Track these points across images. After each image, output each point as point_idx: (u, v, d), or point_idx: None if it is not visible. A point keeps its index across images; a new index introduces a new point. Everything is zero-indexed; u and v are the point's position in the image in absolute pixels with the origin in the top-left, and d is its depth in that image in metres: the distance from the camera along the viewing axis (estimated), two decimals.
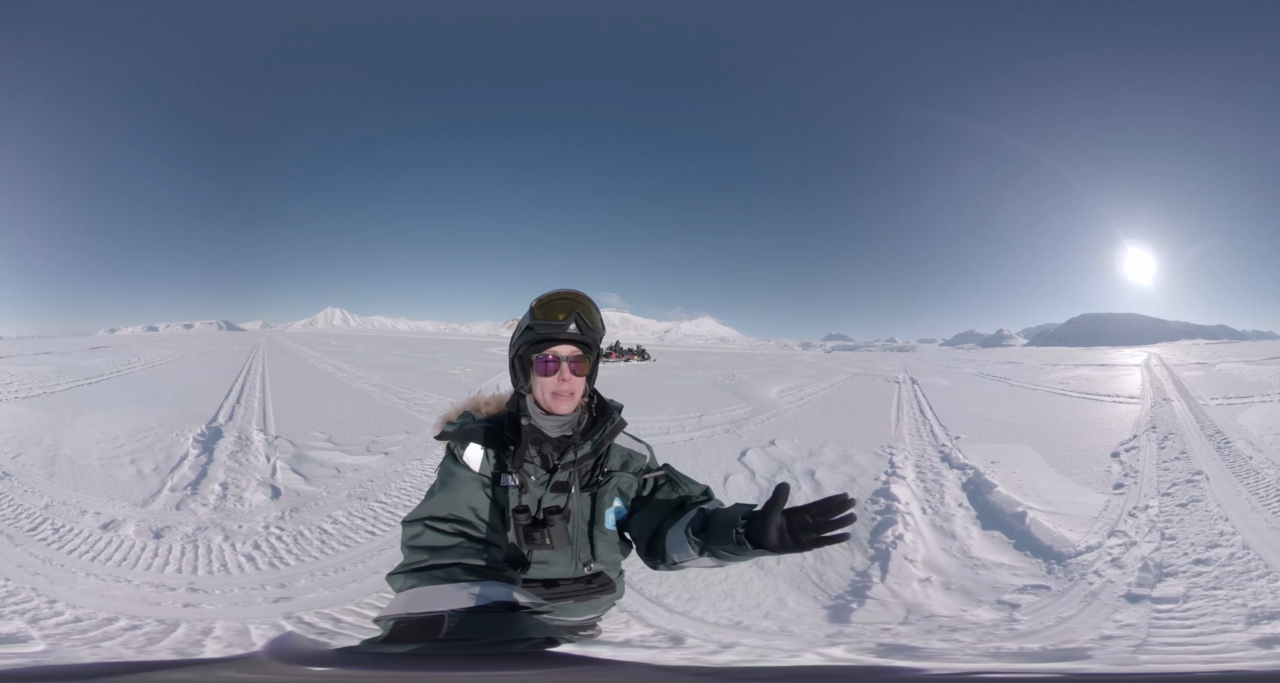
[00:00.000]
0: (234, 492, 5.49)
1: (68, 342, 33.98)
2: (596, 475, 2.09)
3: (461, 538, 1.85)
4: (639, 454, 2.22)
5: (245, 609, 3.45)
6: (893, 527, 4.75)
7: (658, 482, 2.19)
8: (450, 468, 2.04)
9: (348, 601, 3.56)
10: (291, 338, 49.46)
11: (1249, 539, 4.49)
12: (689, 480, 2.22)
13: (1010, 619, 3.46)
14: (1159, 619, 3.38)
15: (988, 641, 3.14)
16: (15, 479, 5.63)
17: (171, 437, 7.30)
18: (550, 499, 2.03)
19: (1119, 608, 3.54)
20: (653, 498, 2.15)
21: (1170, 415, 10.51)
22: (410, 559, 1.80)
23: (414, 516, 1.92)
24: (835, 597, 3.78)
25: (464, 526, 1.89)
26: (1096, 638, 3.20)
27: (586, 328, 2.02)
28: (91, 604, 3.40)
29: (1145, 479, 6.27)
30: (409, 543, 1.86)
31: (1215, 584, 3.81)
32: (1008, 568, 4.19)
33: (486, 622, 1.55)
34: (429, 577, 1.71)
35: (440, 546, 1.81)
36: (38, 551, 4.14)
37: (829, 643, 3.18)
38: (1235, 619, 3.34)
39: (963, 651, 3.00)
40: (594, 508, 2.09)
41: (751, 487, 6.01)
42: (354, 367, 19.08)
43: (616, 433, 2.14)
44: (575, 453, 2.04)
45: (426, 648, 1.48)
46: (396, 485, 5.88)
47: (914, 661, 2.75)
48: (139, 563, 4.04)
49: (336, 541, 4.50)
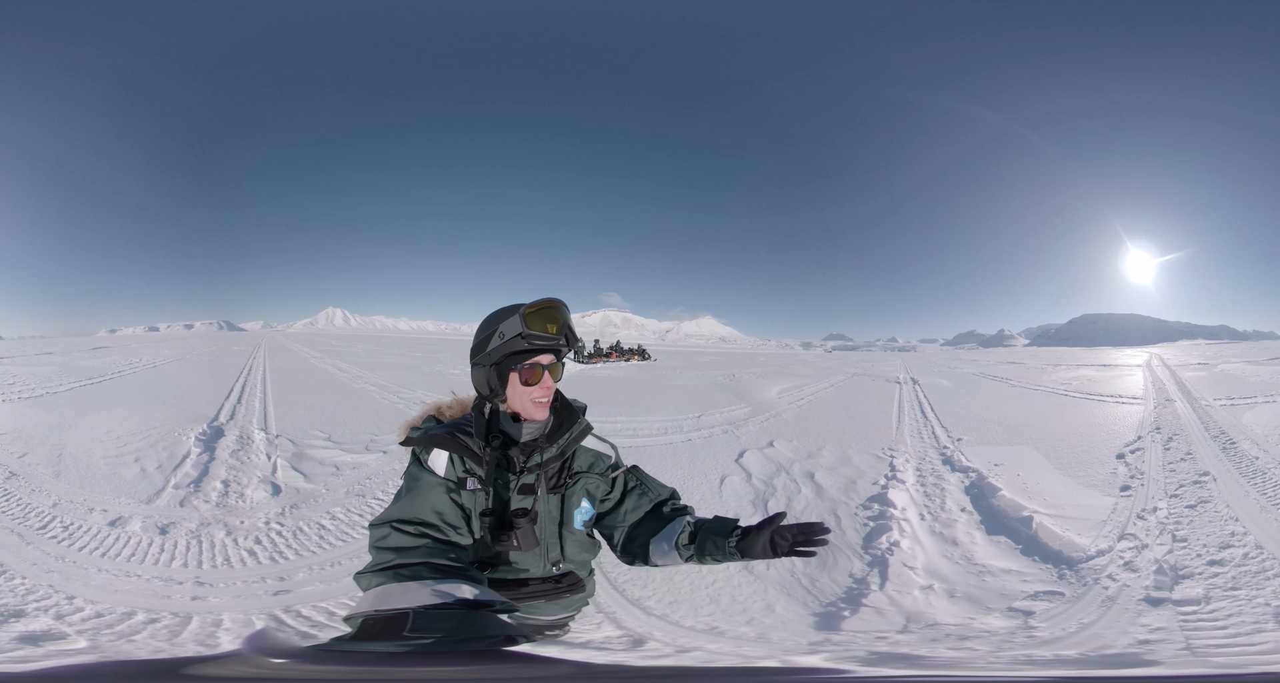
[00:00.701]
0: (235, 489, 5.54)
1: (69, 342, 34.15)
2: (564, 478, 2.13)
3: (427, 540, 1.89)
4: (604, 455, 2.27)
5: (248, 602, 3.52)
6: (888, 533, 4.67)
7: (627, 483, 2.26)
8: (415, 473, 2.06)
9: (343, 594, 3.61)
10: (292, 338, 49.58)
11: (1261, 539, 4.44)
12: (656, 483, 2.29)
13: (1026, 626, 3.38)
14: (1187, 622, 3.34)
15: (1006, 648, 3.09)
16: (23, 479, 5.68)
17: (174, 436, 7.34)
18: (517, 501, 2.05)
19: (1142, 612, 3.49)
20: (624, 500, 2.23)
21: (1174, 416, 10.47)
22: (377, 560, 1.84)
23: (381, 518, 1.96)
24: (827, 604, 3.71)
25: (429, 528, 1.92)
26: (1134, 642, 3.15)
27: (572, 337, 2.06)
28: (108, 600, 3.45)
29: (1152, 481, 6.21)
30: (376, 544, 1.90)
31: (1234, 585, 3.77)
32: (1016, 574, 4.10)
33: (449, 619, 1.59)
34: (395, 576, 1.75)
35: (406, 546, 1.86)
36: (49, 548, 4.18)
37: (808, 650, 3.13)
38: (1264, 618, 3.31)
39: (981, 659, 2.94)
40: (562, 509, 2.12)
41: (748, 489, 5.96)
42: (354, 367, 19.11)
43: (583, 436, 2.17)
44: (541, 456, 2.06)
45: (391, 645, 1.51)
46: (394, 483, 5.80)
47: (898, 669, 2.72)
48: (146, 558, 4.10)
49: (334, 536, 4.56)
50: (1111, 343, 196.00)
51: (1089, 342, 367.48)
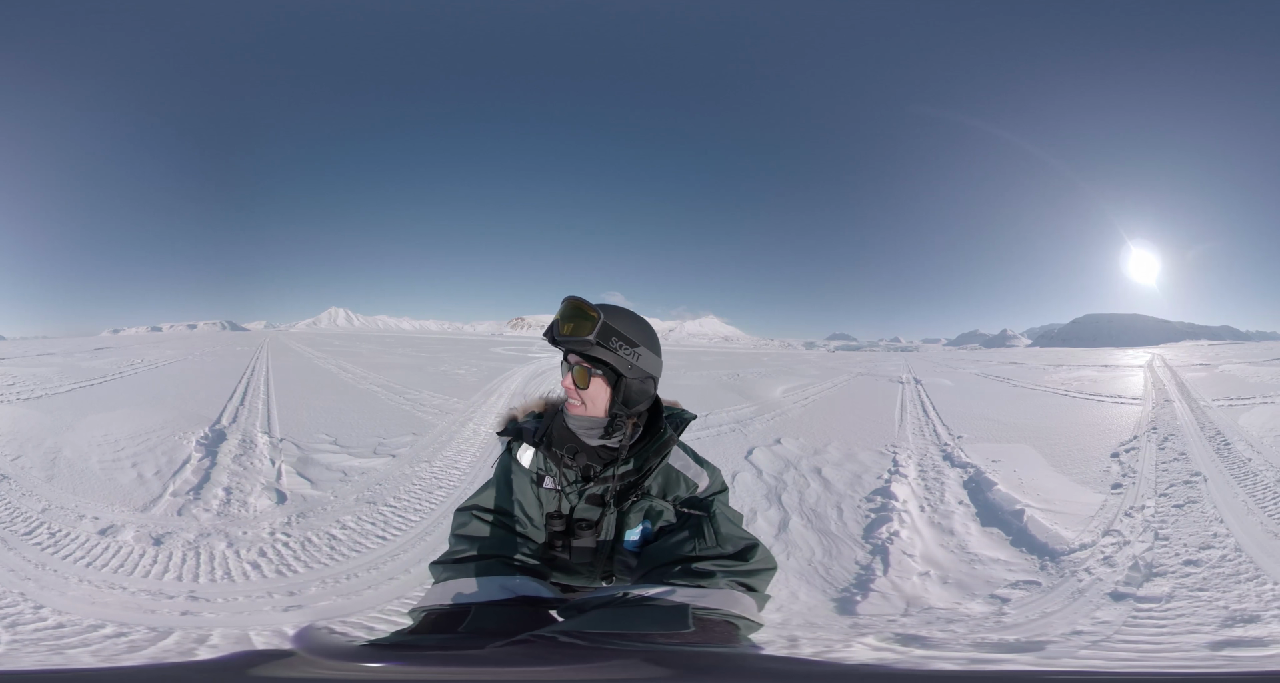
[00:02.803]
0: (238, 496, 5.41)
1: (71, 342, 34.19)
2: (632, 494, 1.99)
3: (503, 530, 1.94)
4: (690, 482, 2.04)
5: (251, 617, 3.41)
6: (888, 524, 4.85)
7: (689, 520, 1.92)
8: (505, 462, 2.10)
9: (365, 608, 3.52)
10: (295, 338, 49.57)
11: (1242, 541, 4.52)
12: (730, 535, 1.86)
13: (999, 613, 3.54)
14: (1134, 618, 3.44)
15: (977, 632, 3.21)
16: (13, 482, 5.56)
17: (174, 439, 7.23)
18: (582, 511, 2.00)
19: (1101, 605, 3.60)
20: (675, 533, 1.90)
21: (1171, 416, 10.54)
22: (452, 548, 1.90)
23: (465, 503, 2.02)
24: (842, 590, 3.89)
25: (507, 518, 1.97)
26: (1067, 633, 3.24)
27: (559, 337, 1.93)
28: (79, 611, 3.35)
29: (1143, 480, 6.32)
30: (455, 531, 1.96)
31: (1202, 585, 3.85)
32: (1003, 564, 4.27)
33: (509, 615, 1.62)
34: (463, 568, 1.80)
35: (481, 536, 1.91)
36: (31, 555, 4.08)
37: (842, 637, 3.19)
38: (1210, 621, 3.37)
39: (956, 641, 3.06)
40: (619, 526, 1.99)
41: (759, 484, 6.10)
42: (358, 367, 19.18)
43: (663, 452, 2.02)
44: (616, 468, 1.98)
45: (445, 639, 1.54)
46: (406, 489, 5.84)
47: (920, 652, 2.82)
48: (136, 570, 3.99)
49: (347, 546, 4.44)
50: (1114, 343, 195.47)
51: (1091, 342, 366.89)
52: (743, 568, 1.75)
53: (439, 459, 6.99)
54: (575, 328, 1.93)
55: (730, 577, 1.72)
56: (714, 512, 1.92)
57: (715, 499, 2.02)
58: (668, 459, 2.04)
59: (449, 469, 6.57)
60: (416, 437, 8.15)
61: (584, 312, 1.94)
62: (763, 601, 1.76)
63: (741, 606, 1.65)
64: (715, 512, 1.93)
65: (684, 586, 1.66)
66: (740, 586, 1.72)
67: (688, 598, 1.60)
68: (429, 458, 7.02)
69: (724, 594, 1.65)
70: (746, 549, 1.80)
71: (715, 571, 1.72)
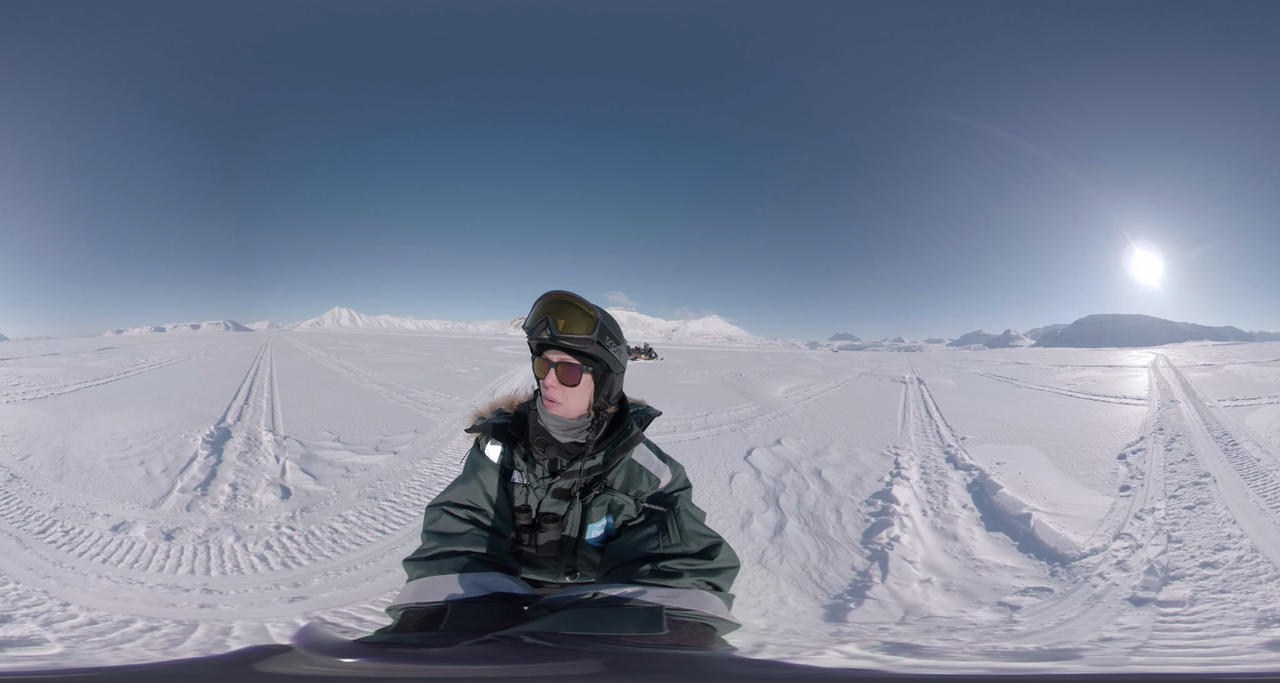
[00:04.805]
0: (244, 492, 5.49)
1: (75, 343, 34.37)
2: (595, 488, 2.01)
3: (473, 526, 1.94)
4: (652, 477, 2.06)
5: (261, 609, 3.47)
6: (889, 529, 4.77)
7: (652, 516, 1.95)
8: (474, 458, 2.10)
9: (362, 599, 3.59)
10: (299, 338, 49.76)
11: (1257, 542, 4.46)
12: (694, 532, 1.86)
13: (1010, 621, 3.45)
14: (1164, 622, 3.35)
15: (986, 641, 3.14)
16: (24, 481, 5.60)
17: (180, 438, 7.30)
18: (549, 505, 2.02)
19: (1123, 611, 3.52)
20: (640, 530, 1.91)
21: (1177, 417, 10.46)
22: (425, 545, 1.90)
23: (436, 500, 2.02)
24: (835, 597, 3.80)
25: (478, 513, 1.98)
26: (1095, 640, 3.18)
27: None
28: (106, 607, 3.38)
29: (1152, 482, 6.25)
30: (427, 527, 1.96)
31: (1223, 588, 3.78)
32: (1010, 570, 4.18)
33: (485, 612, 1.63)
34: (437, 565, 1.80)
35: (453, 532, 1.91)
36: (47, 553, 4.11)
37: (820, 645, 3.17)
38: (1244, 623, 3.30)
39: (961, 650, 3.00)
40: (583, 520, 2.02)
41: (757, 485, 6.04)
42: (361, 366, 19.19)
43: (629, 448, 2.05)
44: (583, 462, 1.99)
45: (427, 637, 1.56)
46: (406, 484, 5.92)
47: (909, 661, 2.77)
48: (151, 565, 4.02)
49: (348, 540, 4.51)
50: (1118, 344, 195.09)
51: (1095, 342, 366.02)
52: (708, 567, 1.76)
53: (439, 456, 7.00)
54: (574, 326, 1.92)
55: (697, 576, 1.73)
56: (678, 509, 1.95)
57: (679, 496, 2.05)
58: (631, 455, 2.08)
59: (449, 466, 6.59)
60: (418, 435, 8.16)
61: (581, 309, 1.94)
62: (729, 600, 1.77)
63: (713, 607, 1.66)
64: (679, 508, 1.95)
65: (653, 585, 1.66)
66: (708, 585, 1.73)
67: (659, 599, 1.61)
68: (429, 455, 7.04)
69: (695, 595, 1.66)
70: (711, 547, 1.81)
71: (682, 570, 1.72)
